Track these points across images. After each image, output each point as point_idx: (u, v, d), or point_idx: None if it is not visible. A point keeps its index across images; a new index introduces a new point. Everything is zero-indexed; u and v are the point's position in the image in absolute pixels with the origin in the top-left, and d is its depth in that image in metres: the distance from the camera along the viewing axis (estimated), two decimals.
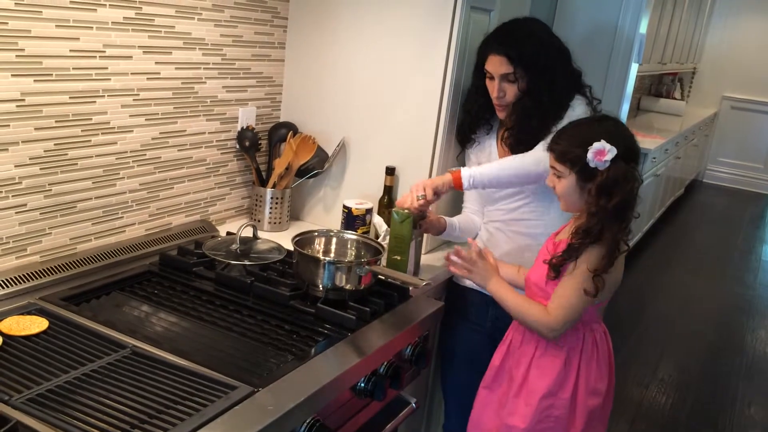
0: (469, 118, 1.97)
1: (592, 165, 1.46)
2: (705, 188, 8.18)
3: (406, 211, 1.79)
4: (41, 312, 1.45)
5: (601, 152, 1.45)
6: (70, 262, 1.65)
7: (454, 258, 1.69)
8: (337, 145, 2.17)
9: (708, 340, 4.15)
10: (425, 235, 1.97)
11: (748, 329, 4.36)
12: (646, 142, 4.97)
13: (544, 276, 1.57)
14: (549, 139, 1.61)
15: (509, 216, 1.91)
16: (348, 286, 1.64)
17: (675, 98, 7.39)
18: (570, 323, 1.54)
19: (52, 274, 1.59)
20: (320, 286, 1.64)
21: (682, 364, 3.80)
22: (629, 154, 1.49)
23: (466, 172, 1.79)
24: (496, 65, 1.81)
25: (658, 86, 7.46)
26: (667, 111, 6.91)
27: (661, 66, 5.67)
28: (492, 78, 1.84)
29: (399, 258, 1.81)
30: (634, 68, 3.21)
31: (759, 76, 7.91)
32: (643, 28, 3.54)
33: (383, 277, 1.73)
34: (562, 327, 1.54)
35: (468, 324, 2.01)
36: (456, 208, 2.13)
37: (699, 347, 4.04)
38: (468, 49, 1.99)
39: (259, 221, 2.16)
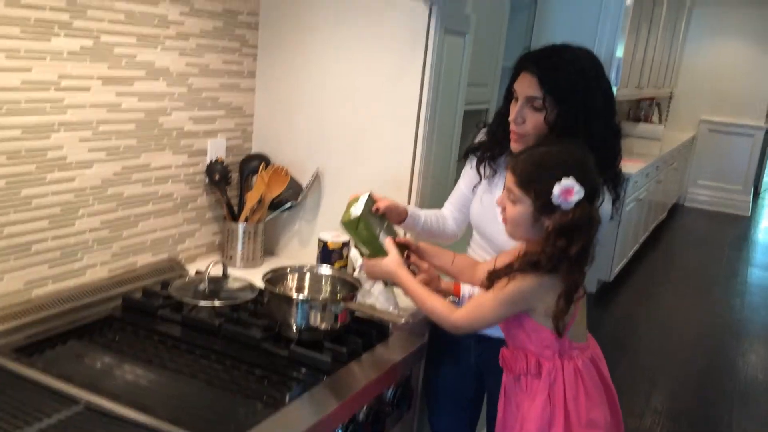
0: (486, 143, 1.75)
1: (555, 202, 1.35)
2: (687, 212, 8.19)
3: (354, 216, 1.61)
4: None
5: (569, 191, 1.34)
6: (24, 309, 1.53)
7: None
8: (312, 176, 2.08)
9: (700, 366, 4.07)
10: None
11: (738, 353, 4.29)
12: (628, 166, 4.94)
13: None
14: None
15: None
16: (323, 326, 1.54)
17: (653, 122, 7.42)
18: (473, 329, 1.53)
19: (5, 322, 1.48)
20: (293, 326, 1.53)
21: (675, 392, 3.71)
22: (594, 194, 1.40)
23: (466, 290, 1.66)
24: (524, 85, 1.56)
25: (636, 111, 7.50)
26: (646, 135, 6.93)
27: (638, 90, 5.69)
28: (517, 99, 1.59)
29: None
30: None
31: (734, 99, 7.98)
32: (619, 52, 3.53)
33: (361, 315, 1.63)
34: (464, 328, 1.50)
35: (453, 360, 1.91)
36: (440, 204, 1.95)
37: (691, 374, 3.96)
38: (443, 73, 1.93)
39: (231, 258, 2.06)
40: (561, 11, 3.46)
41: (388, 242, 1.63)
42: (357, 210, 1.61)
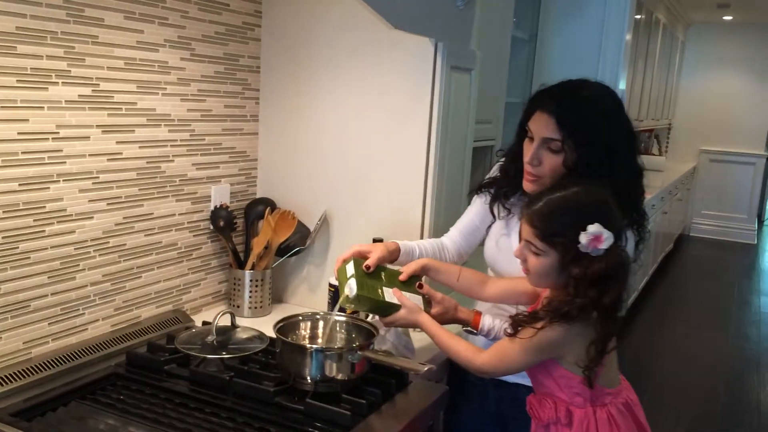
0: (499, 180, 1.66)
1: (584, 251, 1.27)
2: (693, 242, 8.12)
3: (352, 297, 1.51)
4: None
5: (597, 239, 1.25)
6: (23, 370, 1.45)
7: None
8: (319, 219, 2.02)
9: (721, 402, 3.94)
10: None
11: (760, 386, 4.17)
12: None
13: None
14: None
15: None
16: (340, 376, 1.46)
17: (653, 154, 7.42)
18: (498, 375, 1.53)
19: (4, 384, 1.40)
20: (308, 378, 1.45)
21: (699, 429, 3.58)
22: (619, 235, 1.31)
23: (486, 322, 1.56)
24: (540, 125, 1.45)
25: None
26: (648, 167, 6.74)
27: (638, 123, 5.69)
28: (532, 139, 1.48)
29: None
30: None
31: (732, 128, 8.01)
32: (622, 84, 3.51)
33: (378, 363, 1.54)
34: (489, 372, 1.46)
35: (474, 404, 1.82)
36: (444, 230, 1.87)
37: (713, 410, 3.84)
38: (451, 110, 1.88)
39: (238, 307, 1.99)
40: (561, 45, 3.46)
41: (397, 295, 1.54)
42: (351, 289, 1.51)
